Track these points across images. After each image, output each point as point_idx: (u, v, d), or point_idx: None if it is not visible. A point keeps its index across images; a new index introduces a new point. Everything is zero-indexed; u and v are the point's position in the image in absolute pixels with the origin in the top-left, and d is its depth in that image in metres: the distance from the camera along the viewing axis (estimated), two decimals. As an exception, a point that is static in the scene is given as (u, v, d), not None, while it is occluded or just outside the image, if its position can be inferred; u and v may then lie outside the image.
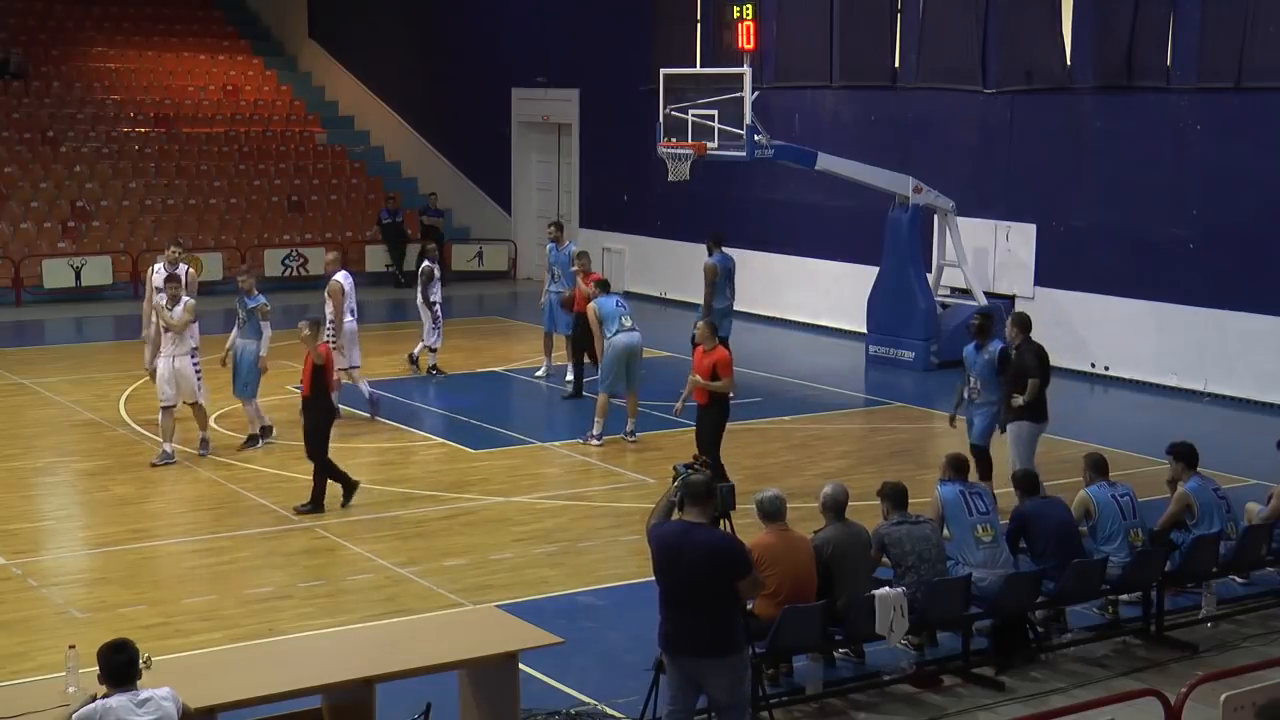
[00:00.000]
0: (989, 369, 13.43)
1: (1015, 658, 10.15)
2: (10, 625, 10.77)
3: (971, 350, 13.67)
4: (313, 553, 12.56)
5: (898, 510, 10.03)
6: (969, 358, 13.67)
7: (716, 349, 14.06)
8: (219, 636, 10.39)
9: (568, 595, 11.51)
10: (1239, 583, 11.67)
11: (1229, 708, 7.26)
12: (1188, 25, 19.49)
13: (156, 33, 35.22)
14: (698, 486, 7.97)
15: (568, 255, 19.50)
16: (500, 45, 30.38)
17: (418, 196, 31.63)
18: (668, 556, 7.92)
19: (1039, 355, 13.40)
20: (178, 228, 28.90)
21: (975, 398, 13.58)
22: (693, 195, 24.29)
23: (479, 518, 13.59)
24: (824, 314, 24.23)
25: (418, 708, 8.67)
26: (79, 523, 13.73)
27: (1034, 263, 21.36)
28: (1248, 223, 19.01)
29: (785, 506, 9.41)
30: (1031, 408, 13.18)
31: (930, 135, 22.74)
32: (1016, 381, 13.23)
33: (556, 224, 20.50)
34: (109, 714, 6.71)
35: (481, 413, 17.88)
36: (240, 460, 15.53)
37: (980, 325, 13.75)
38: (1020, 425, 13.20)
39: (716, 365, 13.76)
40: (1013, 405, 13.19)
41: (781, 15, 24.76)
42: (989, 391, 13.46)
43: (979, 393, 13.54)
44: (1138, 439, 16.21)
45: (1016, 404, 13.14)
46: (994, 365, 13.38)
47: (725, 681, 7.95)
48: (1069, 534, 10.46)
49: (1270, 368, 18.67)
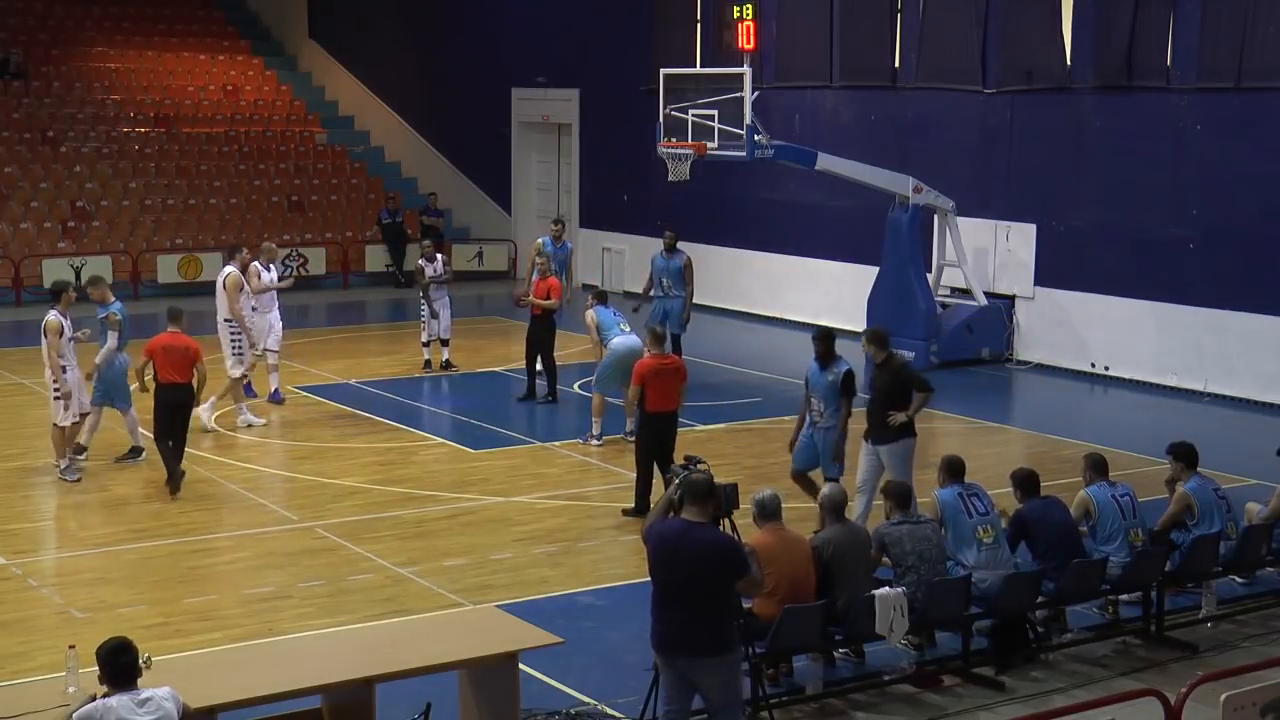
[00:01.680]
0: (832, 391, 12.46)
1: (1015, 658, 10.15)
2: (10, 625, 10.77)
3: (815, 370, 12.64)
4: (313, 553, 12.56)
5: (900, 509, 10.03)
6: (812, 378, 12.63)
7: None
8: (219, 636, 10.39)
9: (568, 595, 11.50)
10: (1239, 583, 11.67)
11: (1229, 708, 7.26)
12: (1188, 25, 19.49)
13: (156, 33, 35.23)
14: (698, 486, 7.97)
15: (565, 252, 19.72)
16: (500, 45, 30.38)
17: (418, 196, 31.64)
18: (666, 555, 7.92)
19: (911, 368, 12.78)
20: (178, 228, 28.95)
21: (818, 420, 12.57)
22: (693, 195, 24.28)
23: (479, 518, 13.59)
24: (824, 314, 24.17)
25: (418, 708, 8.66)
26: (79, 523, 13.72)
27: (1034, 263, 21.37)
28: (1248, 223, 19.01)
29: (781, 506, 9.44)
30: (911, 423, 12.27)
31: (930, 135, 22.74)
32: (892, 398, 12.21)
33: (559, 221, 20.70)
34: (109, 714, 6.71)
35: (481, 413, 17.88)
36: (240, 460, 15.53)
37: (823, 345, 12.66)
38: (905, 443, 12.27)
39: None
40: (890, 423, 12.12)
41: (781, 15, 24.76)
42: (832, 414, 12.50)
43: (822, 415, 12.54)
44: (1138, 439, 16.21)
45: (897, 421, 12.10)
46: (837, 387, 12.43)
47: (718, 681, 7.95)
48: (1069, 534, 10.46)
49: (1270, 368, 18.68)
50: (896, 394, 12.27)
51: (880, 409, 12.28)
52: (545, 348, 18.26)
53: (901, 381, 12.36)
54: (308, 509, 13.83)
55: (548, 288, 18.24)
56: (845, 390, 12.45)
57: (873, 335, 12.67)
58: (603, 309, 16.80)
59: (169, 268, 27.55)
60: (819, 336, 12.81)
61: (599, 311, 16.76)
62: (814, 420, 12.63)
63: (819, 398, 12.57)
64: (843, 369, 12.48)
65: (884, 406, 12.25)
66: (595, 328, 16.71)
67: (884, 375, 12.40)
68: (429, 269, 19.78)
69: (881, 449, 12.29)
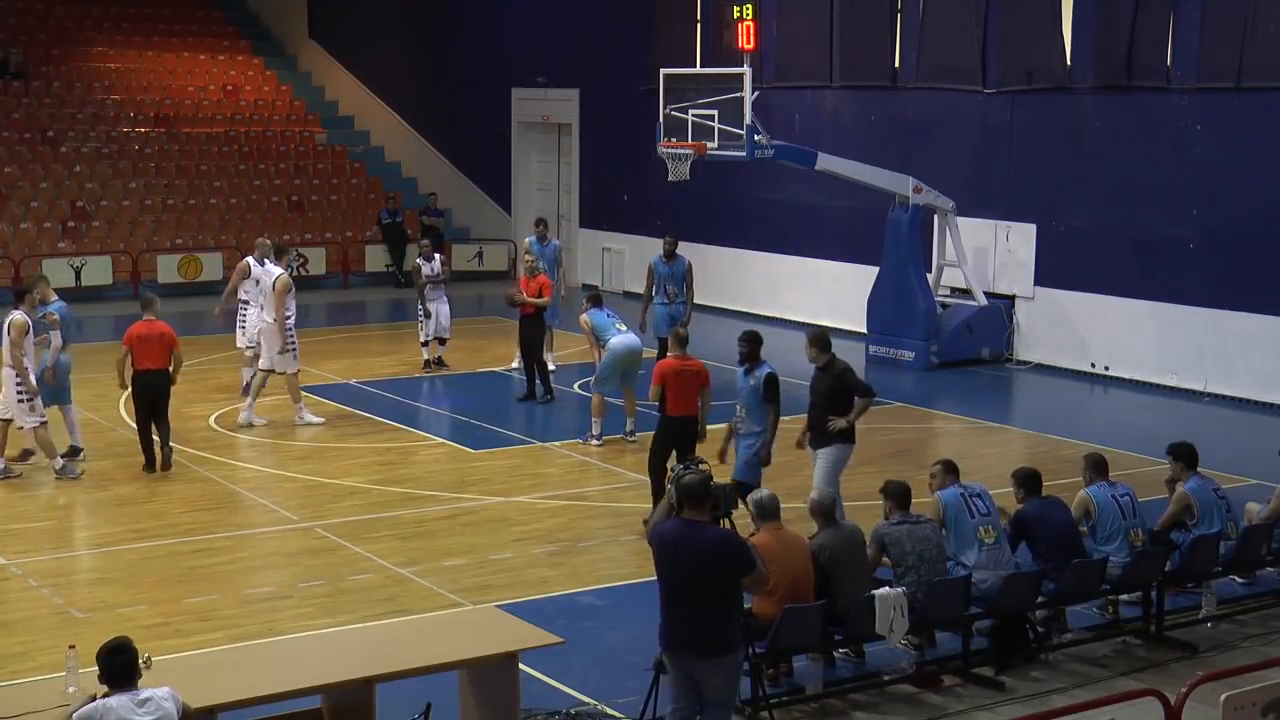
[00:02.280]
0: (755, 396, 12.17)
1: (1015, 658, 10.15)
2: (10, 625, 10.77)
3: (740, 375, 12.40)
4: (313, 553, 12.56)
5: (900, 509, 10.03)
6: (738, 383, 12.40)
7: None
8: (219, 636, 10.39)
9: (568, 595, 11.50)
10: (1239, 583, 11.67)
11: (1229, 708, 7.26)
12: (1188, 25, 19.49)
13: (156, 33, 35.22)
14: (693, 486, 7.97)
15: (554, 251, 19.77)
16: (500, 45, 30.38)
17: (418, 196, 31.64)
18: (667, 555, 7.92)
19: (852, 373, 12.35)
20: (178, 228, 28.95)
21: (740, 427, 12.27)
22: (693, 195, 24.29)
23: (479, 518, 13.59)
24: (824, 314, 24.19)
25: (418, 708, 8.66)
26: (79, 523, 13.73)
27: (1034, 263, 21.36)
28: (1248, 223, 19.01)
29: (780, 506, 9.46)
30: (850, 429, 12.07)
31: (930, 135, 22.74)
32: (833, 403, 12.01)
33: (541, 221, 20.98)
34: (109, 714, 6.71)
35: (481, 413, 17.88)
36: (240, 460, 15.53)
37: (748, 348, 12.34)
38: (842, 448, 12.06)
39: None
40: (830, 428, 11.94)
41: (781, 15, 24.76)
42: (754, 420, 12.20)
43: (743, 421, 12.23)
44: (1138, 439, 16.20)
45: (836, 426, 11.92)
46: (760, 392, 12.13)
47: (721, 680, 7.96)
48: (1069, 534, 10.46)
49: (1270, 368, 18.67)
50: (837, 399, 12.03)
51: (821, 414, 12.06)
52: (534, 347, 18.33)
53: (843, 386, 12.10)
54: (308, 509, 13.83)
55: (539, 285, 18.33)
56: (768, 396, 12.11)
57: (813, 338, 12.39)
58: (596, 311, 16.79)
59: (169, 268, 27.55)
60: (744, 338, 12.44)
61: (593, 314, 16.75)
62: (736, 427, 12.28)
63: (741, 403, 12.26)
64: (764, 373, 12.15)
65: (824, 411, 12.03)
66: (591, 331, 16.70)
67: (825, 379, 12.16)
68: (426, 268, 19.86)
69: (818, 453, 12.09)
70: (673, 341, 13.69)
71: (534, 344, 18.40)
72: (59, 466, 14.63)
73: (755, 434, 12.20)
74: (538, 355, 18.44)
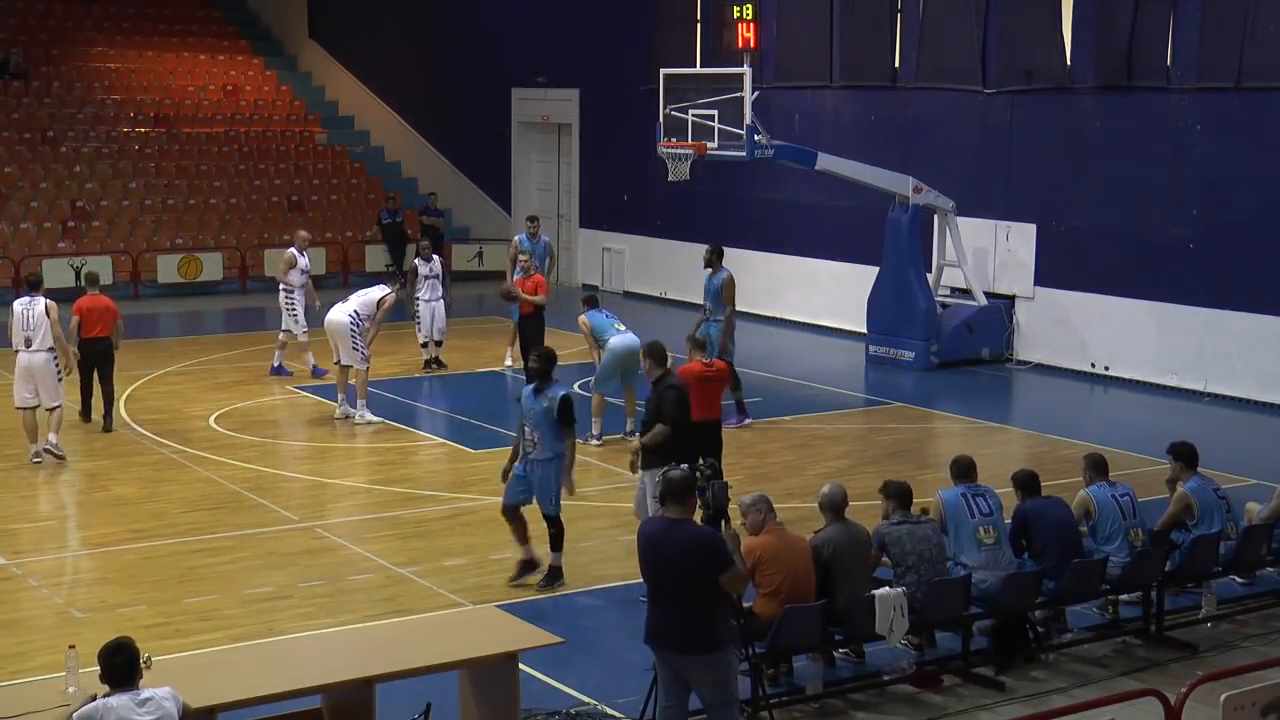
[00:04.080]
0: (547, 419, 11.28)
1: (1015, 658, 10.15)
2: (10, 625, 10.77)
3: (529, 394, 11.44)
4: (313, 553, 12.56)
5: (900, 509, 10.03)
6: (525, 403, 11.46)
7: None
8: (219, 636, 10.39)
9: (567, 595, 11.50)
10: (1239, 583, 11.67)
11: (1229, 708, 7.26)
12: (1188, 25, 19.49)
13: (156, 33, 35.23)
14: (674, 483, 7.97)
15: (543, 247, 20.16)
16: (500, 45, 30.38)
17: (418, 196, 31.62)
18: (650, 552, 7.96)
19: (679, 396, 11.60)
20: (178, 228, 28.95)
21: (531, 451, 11.37)
22: (693, 195, 24.29)
23: (479, 518, 13.58)
24: (824, 314, 24.23)
25: (418, 708, 8.66)
26: (79, 523, 13.73)
27: (1034, 263, 21.36)
28: (1248, 223, 19.01)
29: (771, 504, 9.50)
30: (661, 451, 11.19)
31: (930, 135, 22.74)
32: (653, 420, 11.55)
33: (533, 218, 21.37)
34: (109, 714, 6.71)
35: (481, 413, 17.87)
36: (240, 460, 15.52)
37: (539, 365, 11.50)
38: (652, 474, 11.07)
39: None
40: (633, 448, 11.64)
41: (781, 15, 24.76)
42: (547, 445, 11.32)
43: (535, 445, 11.34)
44: (1138, 439, 16.20)
45: (631, 449, 11.66)
46: (553, 414, 11.25)
47: (709, 679, 7.96)
48: (1069, 534, 10.46)
49: (1270, 368, 18.67)
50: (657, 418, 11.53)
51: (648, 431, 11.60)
52: (534, 346, 18.27)
53: (660, 404, 11.53)
54: (308, 509, 13.84)
55: (534, 284, 18.37)
56: (562, 419, 11.27)
57: (649, 349, 11.95)
58: (594, 312, 16.78)
59: (169, 268, 27.56)
60: (535, 355, 11.66)
61: (591, 316, 16.74)
62: (527, 451, 11.41)
63: (532, 425, 11.36)
64: (558, 394, 11.28)
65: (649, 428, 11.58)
66: (589, 332, 16.68)
67: (653, 395, 11.73)
68: (424, 269, 19.94)
69: (643, 475, 11.52)
70: (692, 347, 13.50)
71: (534, 343, 18.35)
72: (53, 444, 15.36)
73: (547, 460, 11.36)
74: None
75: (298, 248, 19.72)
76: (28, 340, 15.06)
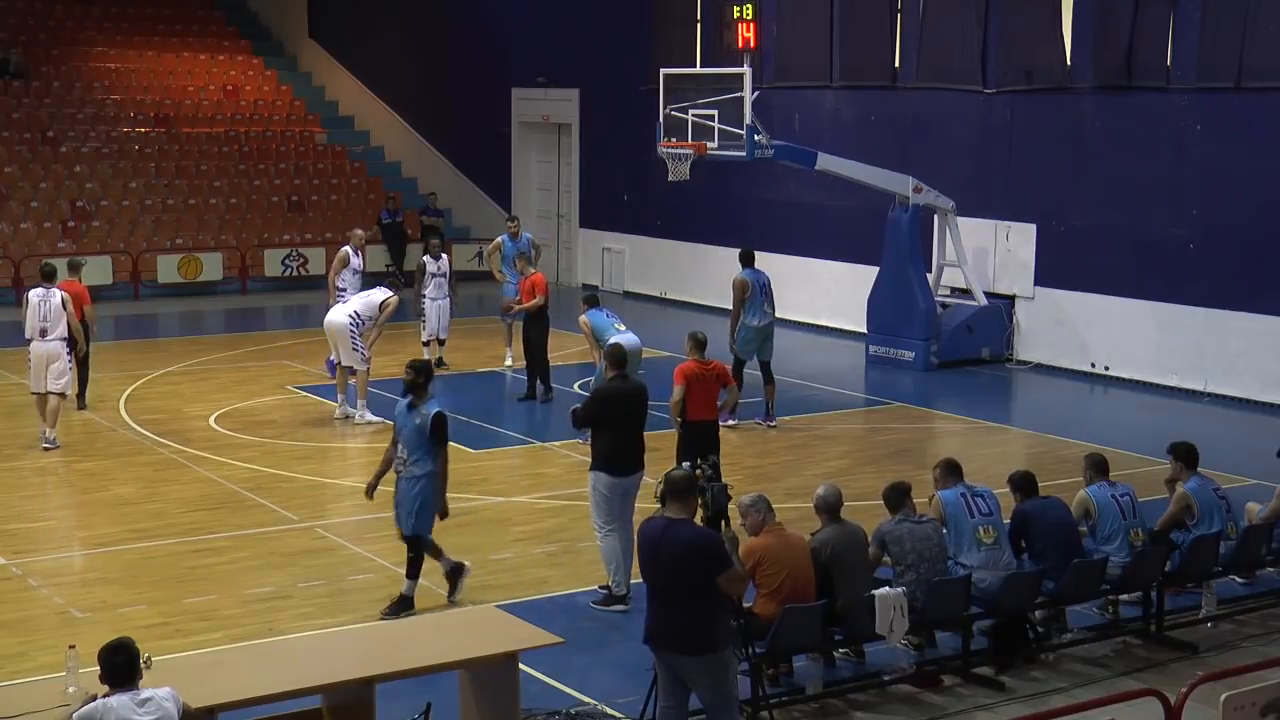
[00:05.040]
0: (419, 435, 10.81)
1: (1015, 658, 10.15)
2: (10, 625, 10.77)
3: (403, 409, 10.94)
4: (313, 553, 12.56)
5: (901, 509, 10.02)
6: (399, 418, 10.99)
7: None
8: (219, 636, 10.39)
9: (567, 595, 11.50)
10: (1239, 583, 11.67)
11: (1229, 708, 7.26)
12: (1188, 25, 19.49)
13: (156, 33, 35.22)
14: (676, 482, 7.98)
15: (526, 244, 20.19)
16: (500, 45, 30.38)
17: (418, 196, 31.63)
18: (649, 552, 7.96)
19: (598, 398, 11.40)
20: (178, 228, 28.94)
21: (402, 470, 10.91)
22: (693, 195, 24.29)
23: (479, 518, 13.58)
24: (824, 314, 24.23)
25: (418, 708, 8.66)
26: (79, 523, 13.73)
27: (1034, 263, 21.37)
28: (1248, 223, 19.01)
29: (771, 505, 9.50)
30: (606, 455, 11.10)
31: (930, 135, 22.74)
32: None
33: (513, 218, 21.69)
34: (109, 714, 6.71)
35: (481, 413, 17.87)
36: (240, 460, 15.53)
37: (413, 377, 10.92)
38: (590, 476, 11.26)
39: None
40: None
41: (781, 15, 24.76)
42: (419, 462, 10.86)
43: (406, 464, 10.89)
44: (1138, 439, 16.20)
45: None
46: (425, 431, 10.78)
47: (706, 679, 7.96)
48: (1069, 534, 10.46)
49: (1270, 368, 18.67)
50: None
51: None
52: (538, 346, 18.33)
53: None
54: (308, 509, 13.83)
55: (532, 284, 18.38)
56: (435, 437, 10.81)
57: (605, 352, 11.80)
58: (595, 312, 16.78)
59: (169, 268, 27.55)
60: (412, 366, 11.05)
61: (592, 315, 16.74)
62: (398, 469, 11.00)
63: (403, 441, 10.91)
64: (431, 411, 10.79)
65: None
66: (590, 332, 16.69)
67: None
68: (432, 266, 19.92)
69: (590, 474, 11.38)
70: (692, 345, 13.58)
71: (538, 343, 18.36)
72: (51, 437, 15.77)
73: (419, 478, 10.91)
74: (540, 355, 18.40)
75: (353, 247, 19.19)
76: (43, 330, 15.82)
